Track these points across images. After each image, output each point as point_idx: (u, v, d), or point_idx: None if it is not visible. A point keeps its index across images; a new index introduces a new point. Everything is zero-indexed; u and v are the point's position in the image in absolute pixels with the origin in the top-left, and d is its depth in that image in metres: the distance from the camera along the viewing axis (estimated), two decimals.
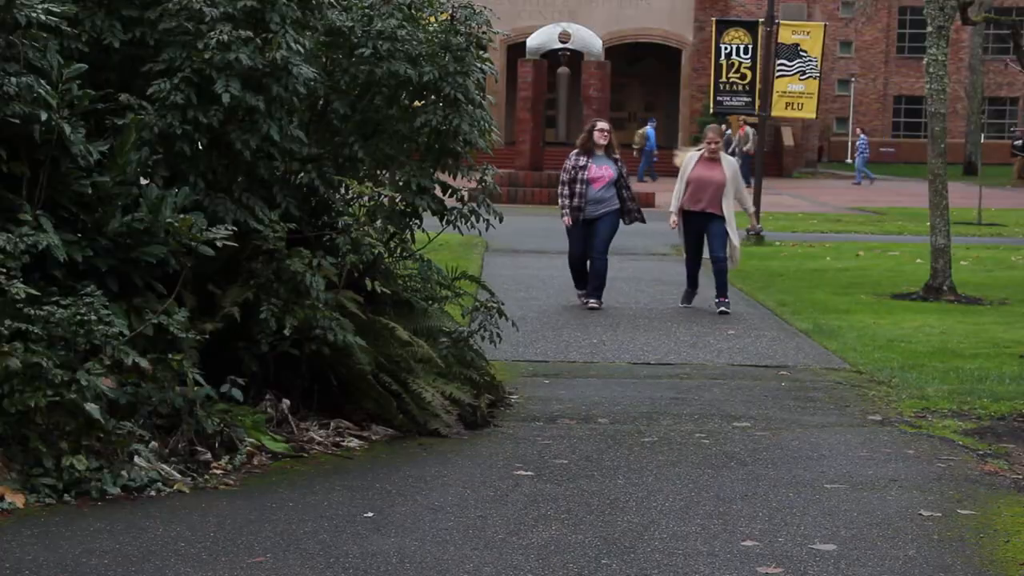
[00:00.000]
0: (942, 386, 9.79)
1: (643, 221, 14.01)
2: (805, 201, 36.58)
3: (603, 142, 13.60)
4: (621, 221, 13.80)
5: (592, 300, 13.63)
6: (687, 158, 13.82)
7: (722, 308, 13.47)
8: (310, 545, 5.73)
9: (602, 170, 13.55)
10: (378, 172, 8.69)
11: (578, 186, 13.50)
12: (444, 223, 8.67)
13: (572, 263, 13.99)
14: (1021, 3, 58.39)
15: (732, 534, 6.00)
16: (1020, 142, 48.68)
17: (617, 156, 13.76)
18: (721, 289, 13.58)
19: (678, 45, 52.49)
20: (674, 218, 13.74)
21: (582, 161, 13.58)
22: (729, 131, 43.06)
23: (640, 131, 46.22)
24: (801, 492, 6.77)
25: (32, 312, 6.41)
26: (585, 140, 13.68)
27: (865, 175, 48.52)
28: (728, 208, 13.48)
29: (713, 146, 13.64)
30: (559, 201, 13.80)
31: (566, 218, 13.61)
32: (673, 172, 14.26)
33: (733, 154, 41.35)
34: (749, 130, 42.08)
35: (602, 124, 13.88)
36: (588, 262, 13.74)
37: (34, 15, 6.75)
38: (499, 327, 8.73)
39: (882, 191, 44.07)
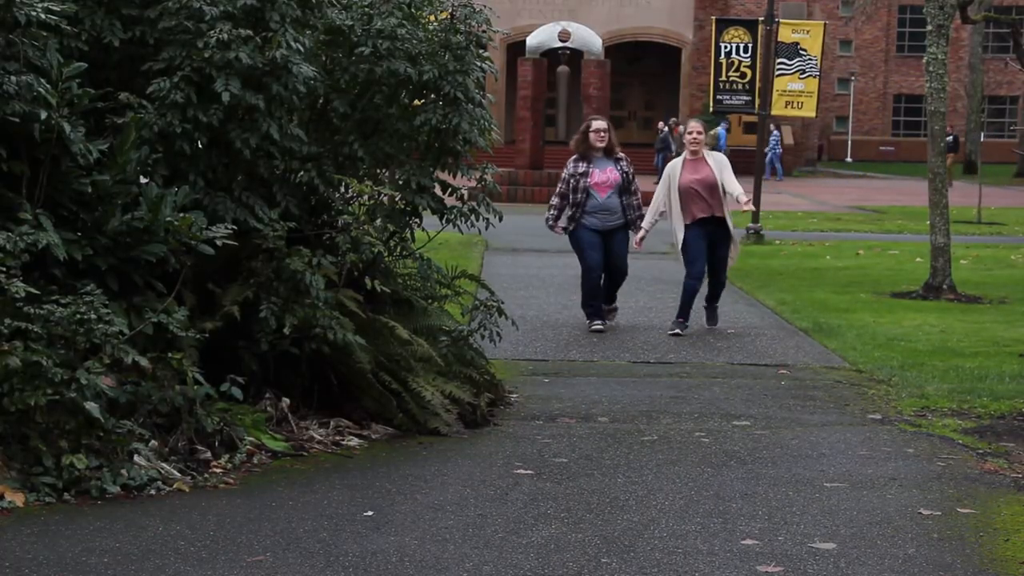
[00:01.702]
0: (942, 385, 9.79)
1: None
2: (805, 200, 36.58)
3: (600, 144, 12.00)
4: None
5: (612, 310, 12.49)
6: (671, 166, 12.26)
7: (709, 324, 12.31)
8: (310, 544, 5.73)
9: (606, 173, 11.97)
10: (378, 171, 8.69)
11: (579, 195, 11.92)
12: (444, 222, 8.67)
13: (588, 283, 12.16)
14: (1021, 2, 58.39)
15: (732, 533, 6.00)
16: (951, 138, 48.49)
17: (621, 156, 12.15)
18: (713, 296, 12.37)
19: (678, 44, 52.49)
20: (642, 234, 12.11)
21: (581, 167, 11.99)
22: (667, 129, 43.15)
23: (712, 131, 45.71)
24: (801, 491, 6.77)
25: (32, 311, 6.41)
26: (580, 143, 12.12)
27: (774, 170, 48.33)
28: (728, 211, 12.17)
29: (695, 136, 12.12)
30: (547, 213, 12.20)
31: (556, 228, 12.14)
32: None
33: (678, 154, 41.35)
34: (684, 128, 42.09)
35: (597, 123, 12.25)
36: (605, 278, 12.29)
37: (34, 14, 6.74)
38: (499, 326, 8.73)
39: (882, 190, 44.07)
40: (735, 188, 11.92)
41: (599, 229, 12.04)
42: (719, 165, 12.07)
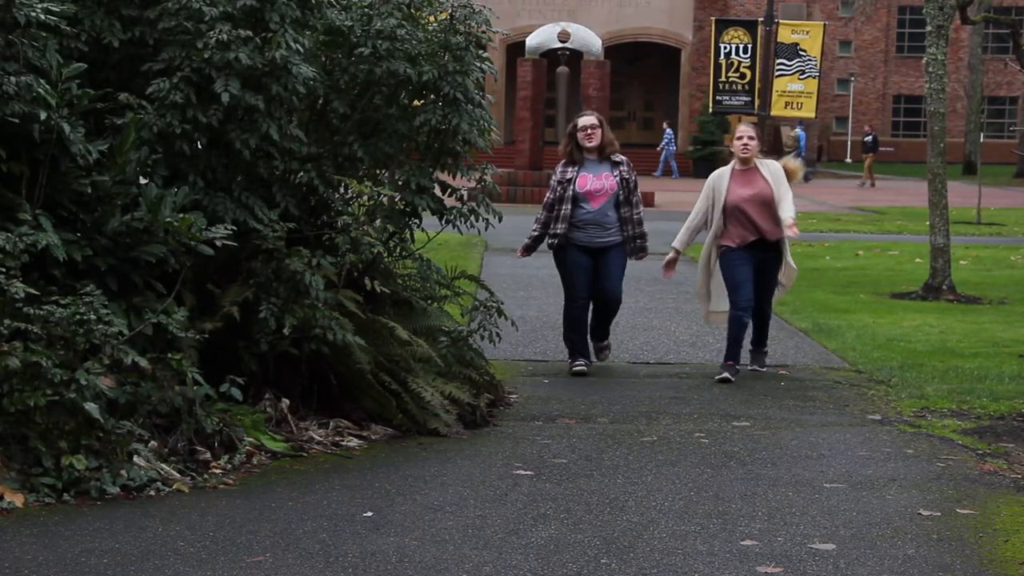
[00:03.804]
0: (941, 385, 9.79)
1: (644, 253, 10.24)
2: (804, 200, 36.52)
3: (591, 144, 9.89)
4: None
5: (605, 347, 10.44)
6: (716, 176, 10.12)
7: (755, 366, 10.32)
8: (309, 544, 5.73)
9: (600, 180, 9.89)
10: (377, 171, 8.69)
11: (565, 206, 9.82)
12: (443, 222, 8.67)
13: (570, 311, 10.16)
14: (1020, 3, 58.41)
15: (731, 533, 6.00)
16: (870, 138, 48.05)
17: (621, 159, 10.04)
18: (759, 339, 10.42)
19: (677, 44, 52.50)
20: (672, 256, 10.24)
21: (569, 173, 9.91)
22: None
23: (792, 132, 44.92)
24: (800, 491, 6.77)
25: (31, 311, 6.41)
26: (567, 147, 10.02)
27: (668, 168, 48.06)
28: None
29: (746, 142, 10.00)
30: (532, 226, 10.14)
31: (519, 249, 10.34)
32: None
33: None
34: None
35: (584, 119, 10.03)
36: (594, 308, 10.26)
37: (33, 14, 6.75)
38: (498, 326, 8.74)
39: (881, 190, 44.06)
40: (786, 210, 9.86)
41: (588, 246, 9.97)
42: (775, 177, 10.00)
